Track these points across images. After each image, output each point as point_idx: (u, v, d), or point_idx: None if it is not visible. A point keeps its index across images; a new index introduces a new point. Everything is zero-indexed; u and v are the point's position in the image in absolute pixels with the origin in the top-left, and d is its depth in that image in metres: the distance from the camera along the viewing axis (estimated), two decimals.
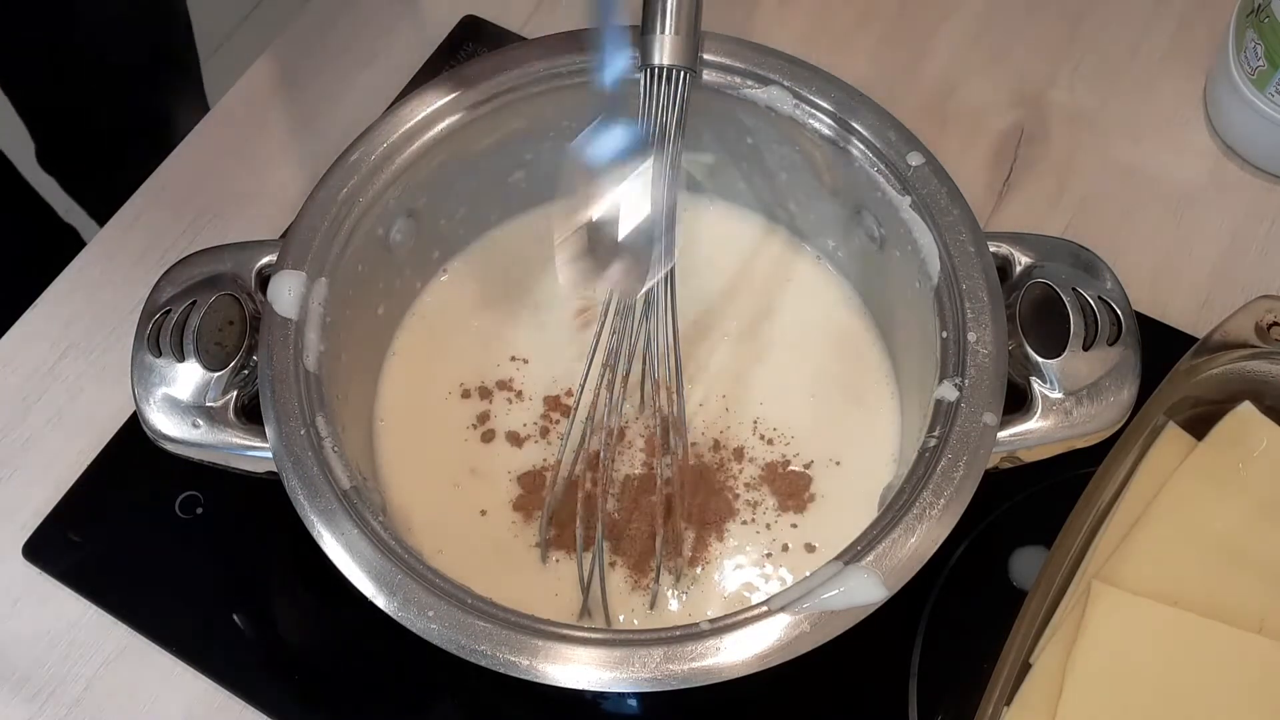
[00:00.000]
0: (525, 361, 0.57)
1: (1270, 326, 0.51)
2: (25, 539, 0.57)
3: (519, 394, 0.57)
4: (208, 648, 0.55)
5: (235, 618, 0.56)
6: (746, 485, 0.54)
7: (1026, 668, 0.47)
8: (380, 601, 0.43)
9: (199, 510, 0.57)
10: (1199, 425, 0.51)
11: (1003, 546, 0.55)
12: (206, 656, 0.55)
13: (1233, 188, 0.65)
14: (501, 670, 0.42)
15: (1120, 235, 0.63)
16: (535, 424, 0.56)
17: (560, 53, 0.53)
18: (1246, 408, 0.51)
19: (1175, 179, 0.65)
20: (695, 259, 0.59)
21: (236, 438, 0.48)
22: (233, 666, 0.55)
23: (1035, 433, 0.47)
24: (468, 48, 0.69)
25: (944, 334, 0.48)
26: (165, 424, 0.48)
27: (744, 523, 0.53)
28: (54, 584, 0.56)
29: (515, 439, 0.56)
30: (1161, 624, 0.47)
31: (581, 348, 0.54)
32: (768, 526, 0.53)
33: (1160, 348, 0.51)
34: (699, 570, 0.52)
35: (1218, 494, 0.50)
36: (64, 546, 0.57)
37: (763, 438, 0.55)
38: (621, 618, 0.51)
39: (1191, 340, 0.51)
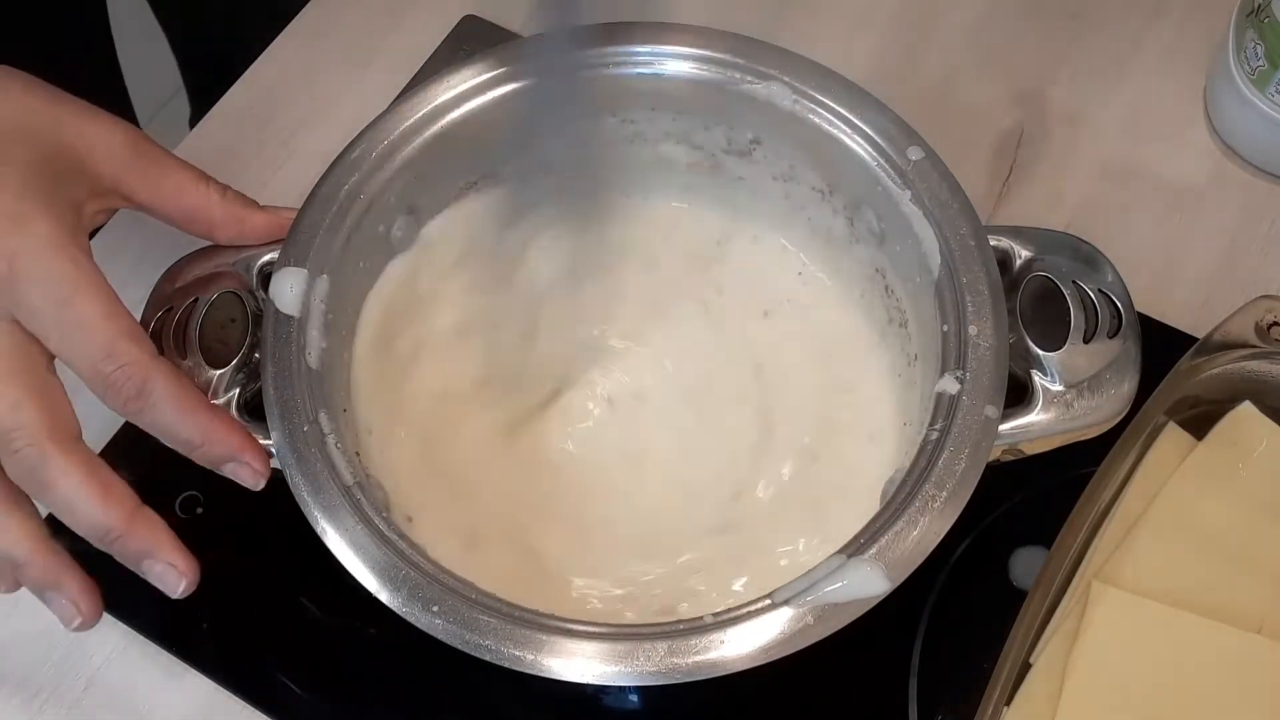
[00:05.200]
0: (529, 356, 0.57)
1: (1270, 326, 0.51)
2: None
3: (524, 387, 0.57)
4: (208, 648, 0.55)
5: (235, 618, 0.56)
6: None
7: (1026, 668, 0.46)
8: (384, 597, 0.43)
9: (199, 510, 0.57)
10: (1199, 425, 0.51)
11: (1003, 546, 0.55)
12: (206, 656, 0.55)
13: (1233, 188, 0.65)
14: (506, 665, 0.42)
15: (1120, 235, 0.63)
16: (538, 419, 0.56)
17: (561, 50, 0.53)
18: (1246, 408, 0.51)
19: (1175, 179, 0.65)
20: (687, 261, 0.59)
21: None
22: (233, 666, 0.54)
23: (1037, 425, 0.47)
24: (468, 48, 0.69)
25: (945, 327, 0.48)
26: None
27: None
28: None
29: (520, 433, 0.56)
30: (1161, 624, 0.47)
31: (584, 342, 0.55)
32: None
33: (1160, 347, 0.51)
34: None
35: (1218, 494, 0.50)
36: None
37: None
38: None
39: (1191, 340, 0.51)
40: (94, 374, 0.43)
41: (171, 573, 0.45)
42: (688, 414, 0.56)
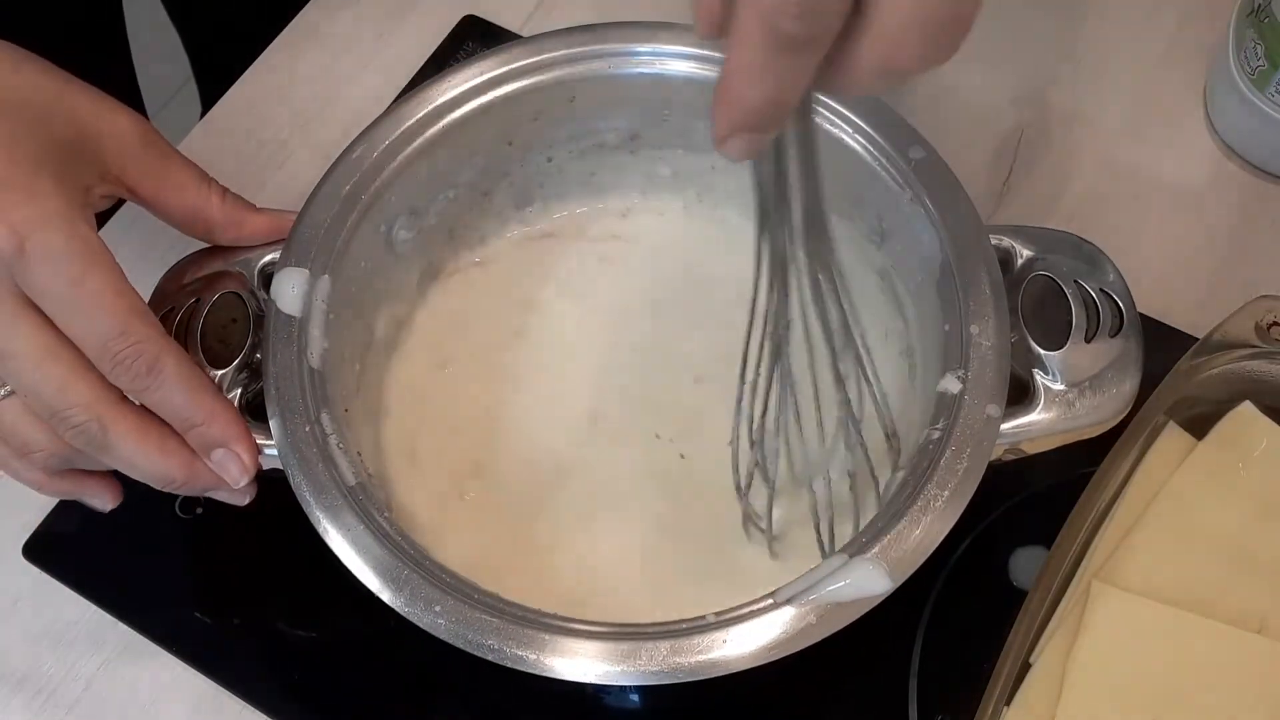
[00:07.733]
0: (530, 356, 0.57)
1: (1270, 326, 0.51)
2: (25, 539, 0.57)
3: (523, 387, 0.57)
4: (208, 648, 0.55)
5: (235, 618, 0.56)
6: None
7: (1026, 668, 0.46)
8: (386, 597, 0.43)
9: (199, 510, 0.57)
10: (1199, 425, 0.51)
11: (1003, 546, 0.55)
12: (206, 656, 0.55)
13: (1233, 188, 0.65)
14: (509, 664, 0.42)
15: (1120, 235, 0.63)
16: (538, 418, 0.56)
17: (561, 49, 0.53)
18: (1246, 408, 0.51)
19: (1175, 179, 0.65)
20: (692, 268, 0.59)
21: None
22: (233, 666, 0.54)
23: (1038, 424, 0.48)
24: (468, 47, 0.69)
25: (946, 327, 0.48)
26: None
27: None
28: (54, 584, 0.56)
29: (520, 434, 0.56)
30: (1161, 624, 0.47)
31: (589, 341, 0.54)
32: None
33: (1160, 347, 0.51)
34: None
35: (1218, 494, 0.50)
36: (64, 546, 0.57)
37: None
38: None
39: (1191, 340, 0.51)
40: (104, 351, 0.43)
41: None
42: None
